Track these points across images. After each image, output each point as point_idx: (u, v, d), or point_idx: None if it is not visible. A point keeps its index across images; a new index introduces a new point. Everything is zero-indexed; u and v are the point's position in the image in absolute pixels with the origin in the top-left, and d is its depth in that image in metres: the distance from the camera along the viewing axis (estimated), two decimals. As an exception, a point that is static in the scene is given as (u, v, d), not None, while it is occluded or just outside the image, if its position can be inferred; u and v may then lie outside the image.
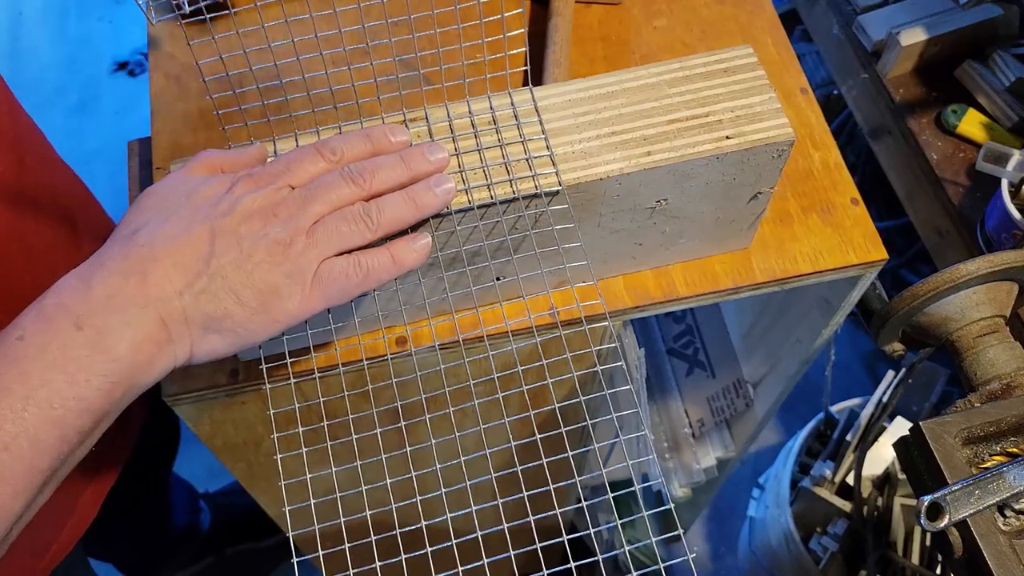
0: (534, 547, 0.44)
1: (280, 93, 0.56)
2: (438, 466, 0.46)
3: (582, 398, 0.49)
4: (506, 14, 0.54)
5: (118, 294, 0.44)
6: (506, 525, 0.45)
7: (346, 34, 0.54)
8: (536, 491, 0.45)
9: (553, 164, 0.55)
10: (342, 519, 0.46)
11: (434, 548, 0.45)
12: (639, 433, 0.91)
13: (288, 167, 0.50)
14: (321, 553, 0.45)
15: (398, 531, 0.45)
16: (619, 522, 0.50)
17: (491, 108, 0.57)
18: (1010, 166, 1.05)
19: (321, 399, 0.51)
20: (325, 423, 0.50)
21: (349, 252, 0.49)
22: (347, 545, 0.45)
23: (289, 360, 0.52)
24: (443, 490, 0.46)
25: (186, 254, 0.46)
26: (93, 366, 0.43)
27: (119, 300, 0.44)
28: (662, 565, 0.43)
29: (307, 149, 0.51)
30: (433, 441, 0.47)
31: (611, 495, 0.45)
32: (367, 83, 0.56)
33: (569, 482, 0.45)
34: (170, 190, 0.49)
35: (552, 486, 0.46)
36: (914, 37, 1.17)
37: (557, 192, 0.54)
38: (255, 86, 0.55)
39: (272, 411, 0.51)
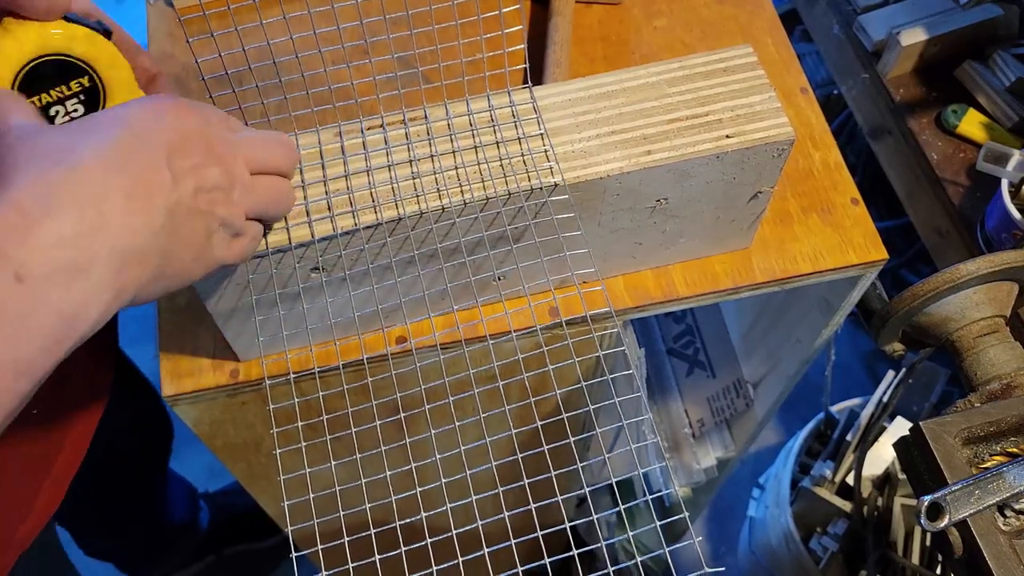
0: (535, 547, 0.44)
1: (279, 92, 0.56)
2: (441, 470, 0.46)
3: (586, 393, 0.49)
4: (504, 10, 0.54)
5: (68, 236, 0.37)
6: (507, 513, 0.45)
7: (344, 32, 0.54)
8: (537, 483, 0.45)
9: (549, 159, 0.55)
10: (341, 513, 0.46)
11: (433, 540, 0.45)
12: (644, 434, 0.91)
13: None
14: (320, 547, 0.45)
15: (398, 522, 0.45)
16: (624, 505, 0.50)
17: (490, 107, 0.57)
18: (1010, 166, 1.05)
19: (321, 394, 0.51)
20: (324, 417, 0.50)
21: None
22: (346, 539, 0.45)
23: (288, 357, 0.52)
24: (445, 489, 0.46)
25: (144, 184, 0.41)
26: (36, 324, 0.36)
27: (70, 243, 0.37)
28: (667, 549, 0.42)
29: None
30: (434, 439, 0.47)
31: (615, 490, 0.45)
32: (366, 81, 0.56)
33: (570, 471, 0.45)
34: (103, 114, 0.44)
35: (555, 481, 0.46)
36: (914, 37, 1.17)
37: (557, 186, 0.54)
38: (254, 84, 0.55)
39: (272, 406, 0.51)
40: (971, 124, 1.15)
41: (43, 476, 0.68)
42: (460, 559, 0.44)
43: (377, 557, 0.44)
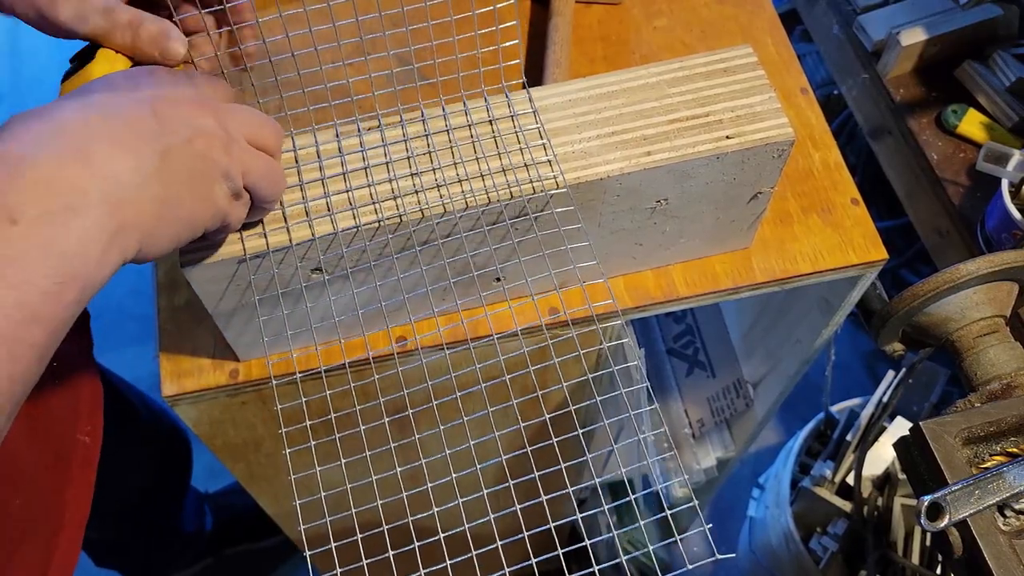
0: (541, 544, 0.44)
1: (276, 91, 0.56)
2: (451, 466, 0.46)
3: (596, 391, 0.49)
4: (498, 5, 0.54)
5: (57, 177, 0.37)
6: (518, 506, 0.45)
7: (340, 29, 0.54)
8: (543, 480, 0.45)
9: (548, 150, 0.55)
10: (353, 510, 0.46)
11: (429, 539, 0.45)
12: (648, 433, 0.90)
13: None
14: (333, 545, 0.44)
15: (410, 518, 0.45)
16: (624, 498, 0.50)
17: (486, 105, 0.57)
18: (1010, 166, 1.05)
19: (328, 392, 0.51)
20: (333, 415, 0.50)
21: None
22: (359, 535, 0.45)
23: (294, 355, 0.52)
24: (455, 486, 0.46)
25: (129, 129, 0.40)
26: (36, 266, 0.36)
27: (60, 184, 0.37)
28: (679, 538, 0.42)
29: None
30: (442, 437, 0.47)
31: (624, 486, 0.45)
32: (363, 79, 0.56)
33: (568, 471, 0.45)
34: (86, 91, 0.44)
35: (560, 477, 0.46)
36: (914, 37, 1.17)
37: (562, 193, 0.54)
38: (251, 84, 0.55)
39: (279, 406, 0.50)
40: (971, 124, 1.15)
41: (56, 530, 0.68)
42: (454, 558, 0.44)
43: (391, 553, 0.44)
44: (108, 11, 0.48)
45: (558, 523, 0.44)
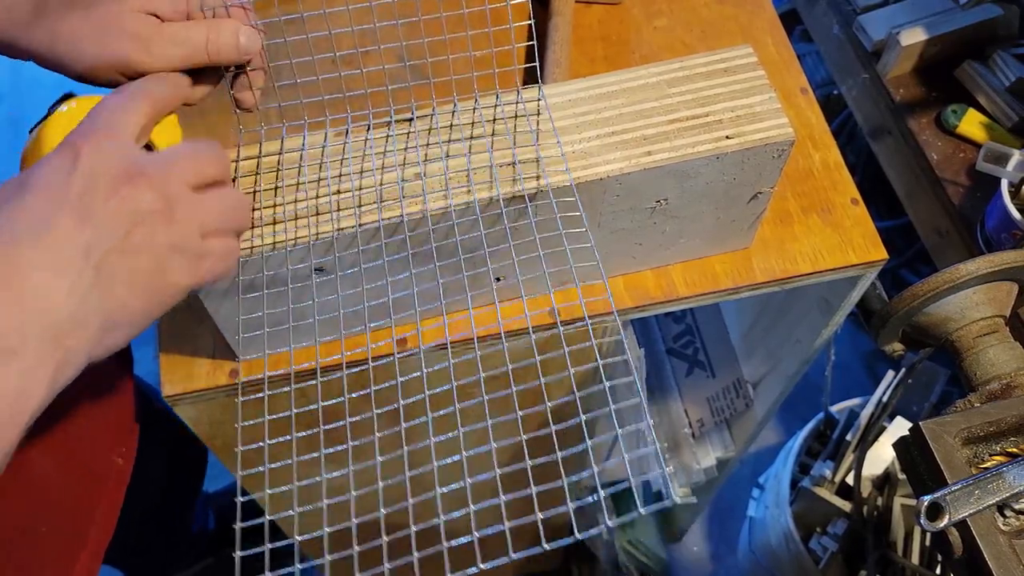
0: (538, 543, 0.44)
1: (275, 95, 0.56)
2: (469, 466, 0.46)
3: (599, 389, 0.49)
4: (511, 1, 0.54)
5: None
6: (517, 502, 0.45)
7: (338, 33, 0.54)
8: (543, 480, 0.45)
9: (554, 159, 0.55)
10: (353, 520, 0.46)
11: (429, 549, 0.45)
12: (642, 430, 0.90)
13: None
14: (326, 552, 0.45)
15: (411, 521, 0.45)
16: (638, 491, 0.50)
17: (476, 105, 0.57)
18: (1010, 166, 1.05)
19: (319, 397, 0.51)
20: (322, 421, 0.50)
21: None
22: (353, 526, 0.45)
23: (292, 360, 0.52)
24: (469, 487, 0.45)
25: (59, 248, 0.38)
26: None
27: None
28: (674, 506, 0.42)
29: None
30: (433, 440, 0.47)
31: (610, 492, 0.45)
32: (366, 76, 0.56)
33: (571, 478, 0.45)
34: (6, 184, 0.41)
35: (550, 486, 0.46)
36: (914, 37, 1.17)
37: (566, 189, 0.54)
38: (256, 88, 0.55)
39: (268, 417, 0.50)
40: (971, 124, 1.15)
41: (79, 549, 0.68)
42: (456, 570, 0.44)
43: (385, 539, 0.44)
44: (183, 41, 0.49)
45: (550, 513, 0.44)
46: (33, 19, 0.48)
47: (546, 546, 0.42)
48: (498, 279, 0.60)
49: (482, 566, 0.41)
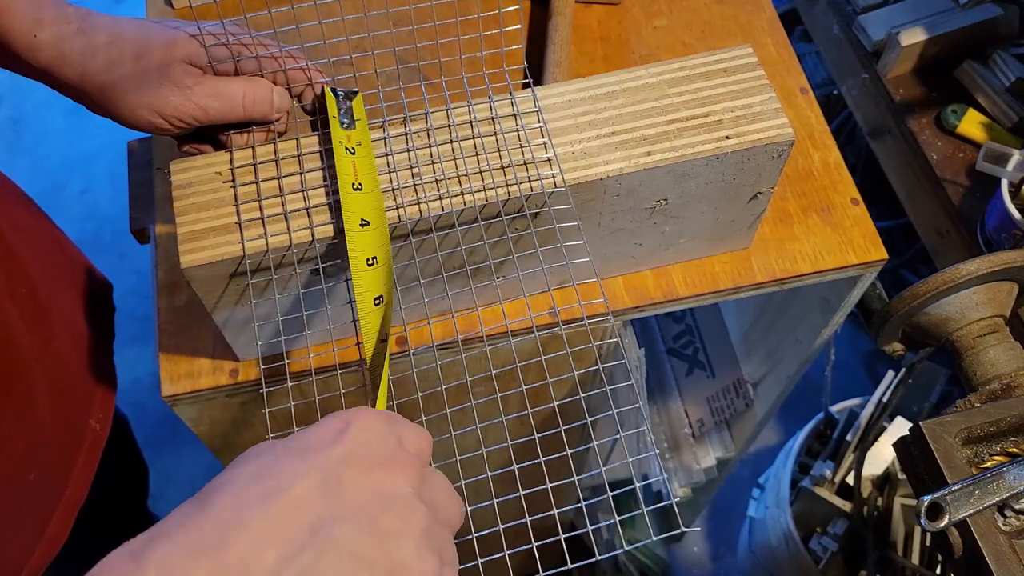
0: (533, 545, 0.44)
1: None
2: (476, 466, 0.46)
3: (590, 391, 0.49)
4: (504, 10, 0.54)
5: (176, 565, 0.32)
6: (534, 506, 0.45)
7: (345, 24, 0.54)
8: (536, 489, 0.45)
9: (551, 163, 0.55)
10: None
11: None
12: (640, 429, 0.91)
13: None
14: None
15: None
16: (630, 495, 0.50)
17: (470, 106, 0.57)
18: (1010, 166, 1.05)
19: (315, 392, 0.51)
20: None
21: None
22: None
23: (287, 361, 0.52)
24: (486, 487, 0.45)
25: (286, 517, 0.33)
26: None
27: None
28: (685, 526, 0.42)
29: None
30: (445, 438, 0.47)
31: (610, 495, 0.45)
32: (366, 74, 0.56)
33: (568, 481, 0.45)
34: (268, 445, 0.37)
35: (551, 485, 0.46)
36: (914, 37, 1.17)
37: (560, 192, 0.54)
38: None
39: (267, 408, 0.51)
40: (971, 124, 1.15)
41: (55, 503, 0.69)
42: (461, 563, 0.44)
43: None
44: (222, 94, 0.53)
45: (548, 514, 0.44)
46: (104, 70, 0.52)
47: (571, 565, 0.41)
48: (498, 278, 0.60)
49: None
